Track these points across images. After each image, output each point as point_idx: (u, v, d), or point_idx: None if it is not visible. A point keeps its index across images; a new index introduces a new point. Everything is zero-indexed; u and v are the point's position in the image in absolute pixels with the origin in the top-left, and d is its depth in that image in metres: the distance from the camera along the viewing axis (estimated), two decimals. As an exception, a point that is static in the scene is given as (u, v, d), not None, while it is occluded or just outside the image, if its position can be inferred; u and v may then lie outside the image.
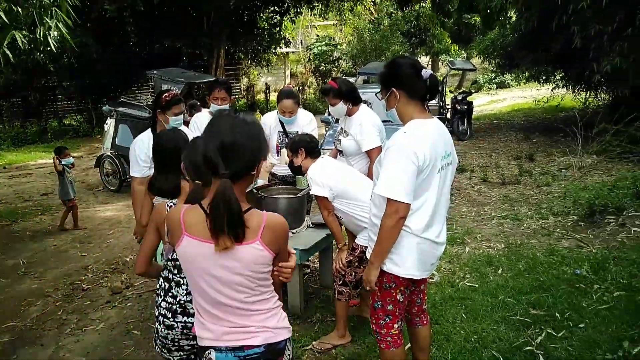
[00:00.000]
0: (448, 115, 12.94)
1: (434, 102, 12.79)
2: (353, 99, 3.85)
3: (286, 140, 4.34)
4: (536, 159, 9.07)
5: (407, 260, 2.37)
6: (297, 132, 4.31)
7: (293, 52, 26.79)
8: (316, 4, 18.10)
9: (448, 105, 13.11)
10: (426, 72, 2.39)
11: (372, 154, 3.71)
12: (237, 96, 19.29)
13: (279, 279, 1.69)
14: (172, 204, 2.16)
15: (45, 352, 3.57)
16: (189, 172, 1.96)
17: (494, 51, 13.99)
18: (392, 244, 2.32)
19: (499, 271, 4.37)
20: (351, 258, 3.26)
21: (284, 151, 4.10)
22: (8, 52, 4.43)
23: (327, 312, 3.85)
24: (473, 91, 18.96)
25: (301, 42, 28.00)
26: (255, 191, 4.00)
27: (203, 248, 1.55)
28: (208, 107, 4.47)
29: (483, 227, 5.73)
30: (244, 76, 20.11)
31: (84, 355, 3.52)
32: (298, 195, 3.97)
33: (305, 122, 4.35)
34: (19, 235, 6.15)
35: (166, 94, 3.56)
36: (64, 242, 5.88)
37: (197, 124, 4.39)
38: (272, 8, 16.63)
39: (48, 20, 4.23)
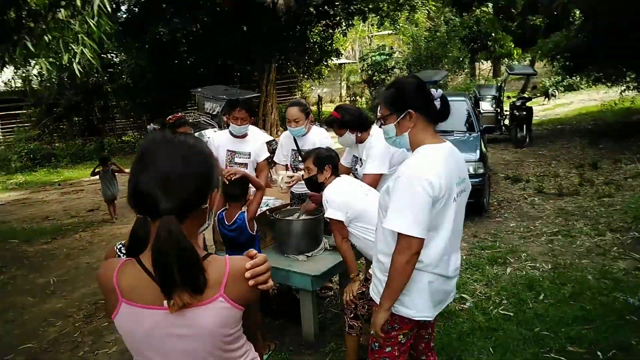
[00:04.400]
0: (506, 122, 12.33)
1: (490, 108, 12.20)
2: (359, 126, 3.53)
3: (299, 158, 4.10)
4: (601, 167, 8.26)
5: (419, 301, 2.11)
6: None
7: (348, 63, 26.72)
8: (369, 15, 17.90)
9: (506, 111, 12.46)
10: (437, 92, 2.12)
11: (365, 179, 3.39)
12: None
13: (257, 288, 1.28)
14: (121, 245, 1.90)
15: (52, 376, 3.52)
16: (130, 204, 1.71)
17: (558, 54, 13.10)
18: (405, 283, 2.04)
19: (540, 297, 3.87)
20: (364, 289, 2.95)
21: (282, 172, 3.84)
22: (78, 70, 4.49)
23: (343, 342, 3.53)
24: (538, 95, 17.88)
25: (360, 53, 27.90)
26: (268, 213, 3.80)
27: (150, 317, 1.19)
28: (227, 127, 4.34)
29: (530, 244, 5.18)
30: (296, 90, 20.22)
31: (88, 381, 3.44)
32: (314, 217, 3.71)
33: (317, 140, 4.03)
34: (56, 252, 6.31)
35: (171, 117, 3.49)
36: (98, 259, 5.94)
37: (214, 144, 4.26)
38: (323, 22, 16.59)
39: (74, 47, 4.28)
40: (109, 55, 14.10)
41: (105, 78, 13.65)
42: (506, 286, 4.16)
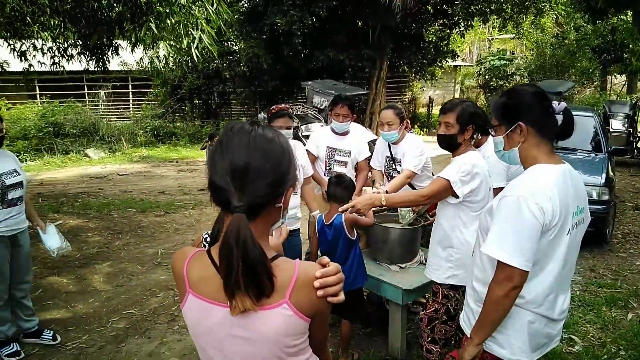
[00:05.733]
0: (639, 145, 11.09)
1: (621, 127, 11.00)
2: (481, 126, 3.26)
3: (393, 165, 3.94)
4: None
5: (515, 342, 1.89)
6: (401, 160, 3.88)
7: (464, 65, 25.68)
8: (491, 17, 17.01)
9: (640, 133, 11.21)
10: (559, 105, 1.86)
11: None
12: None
13: (326, 300, 1.17)
14: (207, 234, 1.95)
15: (149, 346, 3.73)
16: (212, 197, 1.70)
17: None
18: (501, 319, 1.84)
19: (668, 355, 3.37)
20: (435, 306, 2.77)
21: (367, 188, 3.67)
22: (196, 56, 4.75)
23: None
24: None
25: (478, 56, 26.71)
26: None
27: (214, 312, 1.16)
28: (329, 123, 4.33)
29: (659, 290, 4.57)
30: (407, 90, 19.83)
31: (179, 356, 3.60)
32: (413, 227, 3.55)
33: (410, 149, 3.80)
34: (166, 225, 6.75)
35: (274, 107, 3.53)
36: (201, 238, 6.26)
37: (314, 140, 4.26)
38: (440, 21, 16.05)
39: (194, 32, 4.51)
40: (229, 43, 14.82)
41: (225, 65, 14.37)
42: (625, 334, 3.68)
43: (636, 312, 4.11)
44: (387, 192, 3.56)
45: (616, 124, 10.87)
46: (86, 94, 15.65)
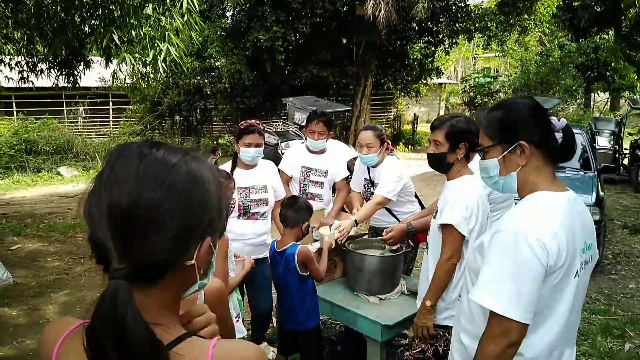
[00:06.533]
0: (625, 162, 11.01)
1: (607, 144, 10.90)
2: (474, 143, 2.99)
3: (372, 189, 3.62)
4: None
5: None
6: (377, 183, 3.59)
7: (449, 83, 25.77)
8: (475, 35, 17.07)
9: (626, 150, 11.13)
10: (559, 122, 1.54)
11: None
12: (383, 126, 18.93)
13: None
14: None
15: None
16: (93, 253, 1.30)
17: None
18: None
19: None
20: (422, 346, 2.44)
21: (323, 231, 3.35)
22: (162, 69, 4.45)
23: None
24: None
25: (463, 73, 26.88)
26: (340, 242, 3.37)
27: None
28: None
29: (656, 316, 4.30)
30: (392, 106, 19.72)
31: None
32: (395, 254, 3.23)
33: (386, 172, 3.51)
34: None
35: (242, 122, 3.24)
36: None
37: (288, 159, 3.95)
38: (425, 38, 16.02)
39: (160, 44, 4.21)
40: (211, 59, 14.55)
41: (206, 81, 14.10)
42: (624, 369, 3.39)
43: (633, 341, 3.82)
44: (356, 221, 3.30)
45: (602, 141, 10.79)
46: (64, 111, 15.22)
